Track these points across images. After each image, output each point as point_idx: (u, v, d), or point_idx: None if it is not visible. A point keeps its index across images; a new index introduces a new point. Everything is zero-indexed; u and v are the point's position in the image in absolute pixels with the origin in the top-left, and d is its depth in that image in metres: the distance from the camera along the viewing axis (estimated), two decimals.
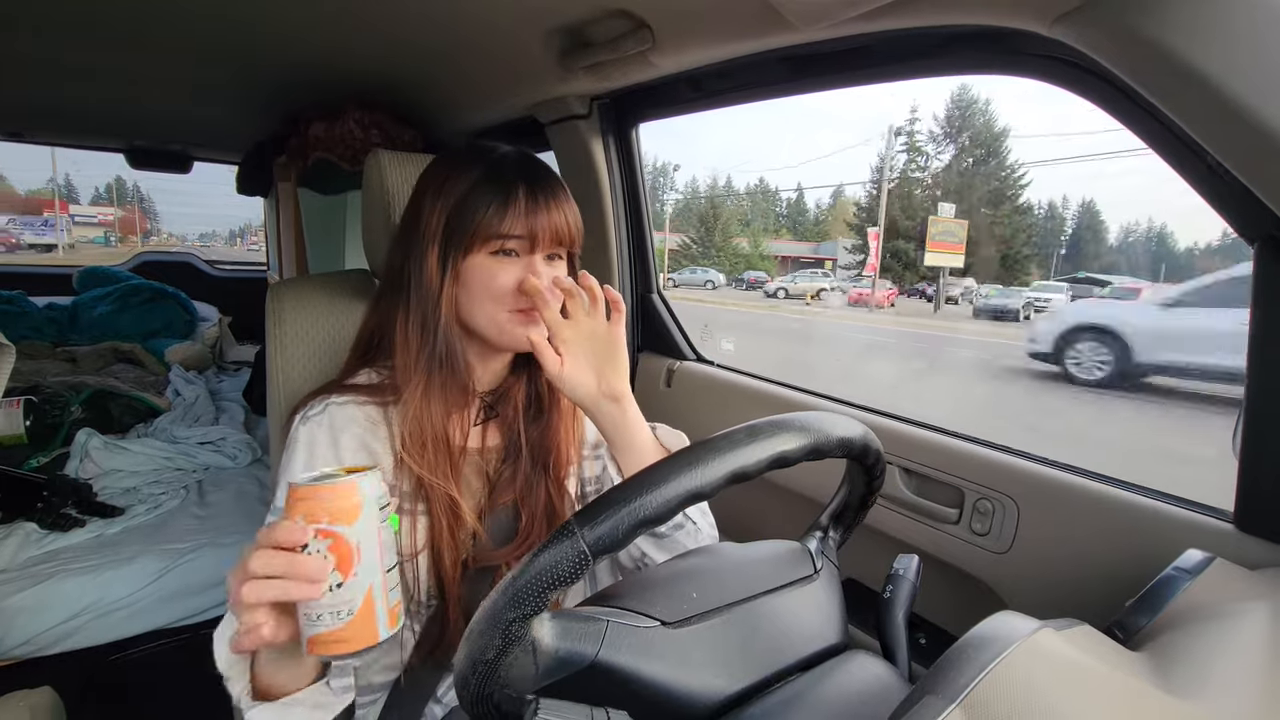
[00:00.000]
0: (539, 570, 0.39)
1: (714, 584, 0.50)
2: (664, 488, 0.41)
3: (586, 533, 0.39)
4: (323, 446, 0.66)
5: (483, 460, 0.74)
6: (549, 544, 0.40)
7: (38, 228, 22.50)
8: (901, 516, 0.97)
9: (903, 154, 22.28)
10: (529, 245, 0.68)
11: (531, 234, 0.67)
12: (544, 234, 0.67)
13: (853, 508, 0.61)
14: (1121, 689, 0.39)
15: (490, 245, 0.67)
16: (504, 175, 0.68)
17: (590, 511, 0.40)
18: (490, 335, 0.69)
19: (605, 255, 1.42)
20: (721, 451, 0.43)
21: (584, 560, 0.39)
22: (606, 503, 0.40)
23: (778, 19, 0.78)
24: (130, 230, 32.34)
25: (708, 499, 0.43)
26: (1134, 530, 0.74)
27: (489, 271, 0.67)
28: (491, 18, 1.06)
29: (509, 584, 0.39)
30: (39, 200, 27.68)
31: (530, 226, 0.67)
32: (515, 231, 0.66)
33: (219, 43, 1.33)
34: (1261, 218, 0.60)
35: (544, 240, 0.68)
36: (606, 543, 0.39)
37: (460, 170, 0.69)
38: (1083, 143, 42.81)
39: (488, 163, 0.69)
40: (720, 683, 0.45)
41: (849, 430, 0.51)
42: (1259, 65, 0.51)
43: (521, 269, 0.68)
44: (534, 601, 0.39)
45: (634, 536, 0.40)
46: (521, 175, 0.68)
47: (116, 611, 1.27)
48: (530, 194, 0.67)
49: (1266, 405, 0.64)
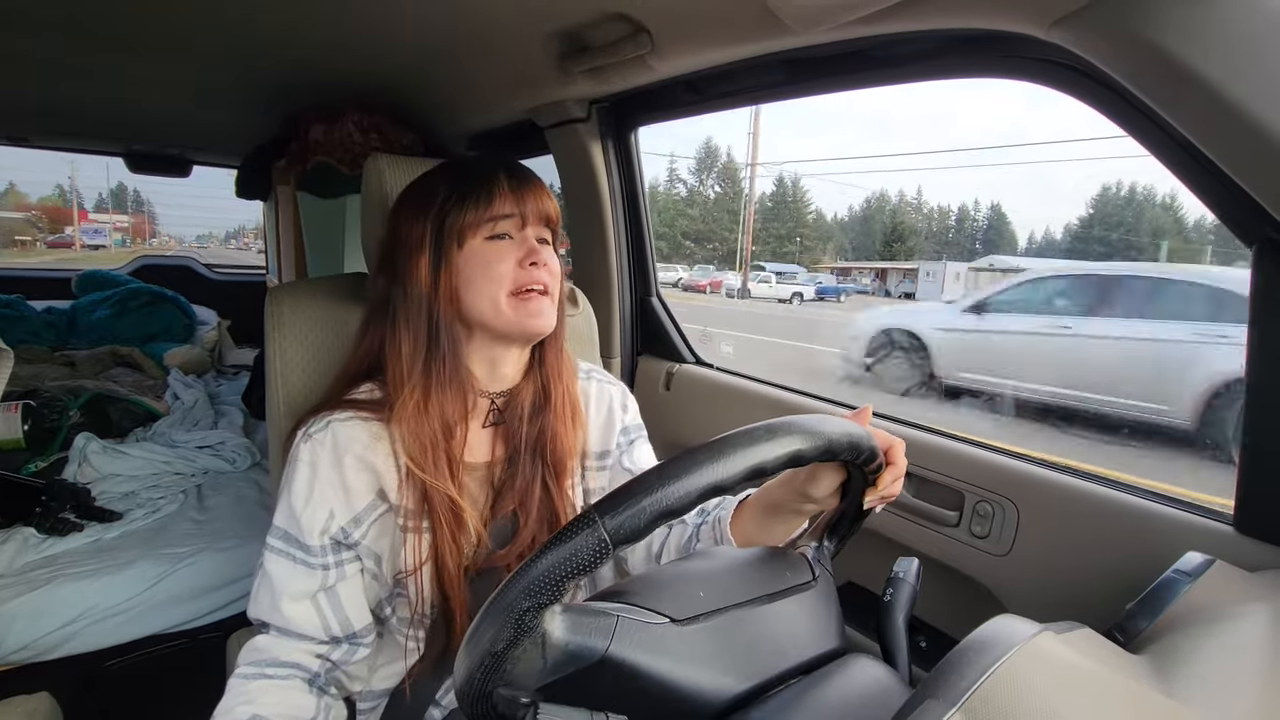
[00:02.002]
0: (558, 559, 0.38)
1: (719, 585, 0.50)
2: (686, 479, 0.41)
3: (608, 521, 0.39)
4: (325, 466, 0.66)
5: (490, 472, 0.74)
6: (568, 532, 0.39)
7: (91, 234, 31.54)
8: (901, 519, 0.97)
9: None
10: (519, 222, 0.70)
11: (521, 209, 0.70)
12: (531, 209, 0.70)
13: (849, 516, 0.61)
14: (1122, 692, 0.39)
15: (484, 230, 0.69)
16: (481, 168, 0.71)
17: (612, 500, 0.40)
18: (491, 319, 0.69)
19: (605, 259, 1.43)
20: (742, 446, 0.44)
21: (604, 549, 0.39)
22: (628, 492, 0.40)
23: (776, 23, 0.78)
24: (140, 234, 38.75)
25: (728, 493, 0.43)
26: (1134, 533, 0.74)
27: (486, 255, 0.69)
28: (490, 21, 1.06)
29: (522, 573, 0.39)
30: (63, 210, 34.61)
31: (518, 203, 0.70)
32: (505, 210, 0.69)
33: (218, 46, 1.33)
34: (1259, 221, 0.60)
35: (532, 216, 0.71)
36: (627, 531, 0.39)
37: (434, 182, 0.72)
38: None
39: (459, 166, 0.73)
40: (728, 681, 0.45)
41: (859, 434, 0.52)
42: (1257, 69, 0.51)
43: (517, 248, 0.70)
44: (550, 591, 0.38)
45: (655, 526, 0.40)
46: (493, 164, 0.72)
47: (114, 616, 1.26)
48: (510, 176, 0.71)
49: (1265, 408, 0.65)
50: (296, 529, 0.65)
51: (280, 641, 0.65)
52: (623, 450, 0.82)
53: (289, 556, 0.65)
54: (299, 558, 0.65)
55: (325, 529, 0.65)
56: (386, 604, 0.72)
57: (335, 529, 0.66)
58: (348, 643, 0.67)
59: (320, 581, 0.66)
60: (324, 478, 0.66)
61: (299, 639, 0.65)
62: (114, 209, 39.12)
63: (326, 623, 0.66)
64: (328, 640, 0.66)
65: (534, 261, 0.69)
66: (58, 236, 31.27)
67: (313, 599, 0.66)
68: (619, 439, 0.82)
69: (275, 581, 0.65)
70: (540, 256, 0.69)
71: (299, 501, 0.65)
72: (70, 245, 29.63)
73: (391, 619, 0.73)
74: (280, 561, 0.65)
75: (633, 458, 0.82)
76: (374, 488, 0.67)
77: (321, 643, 0.66)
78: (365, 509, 0.67)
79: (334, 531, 0.66)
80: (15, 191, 31.52)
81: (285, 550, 0.66)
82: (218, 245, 43.67)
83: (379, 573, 0.69)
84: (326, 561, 0.66)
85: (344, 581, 0.67)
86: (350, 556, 0.68)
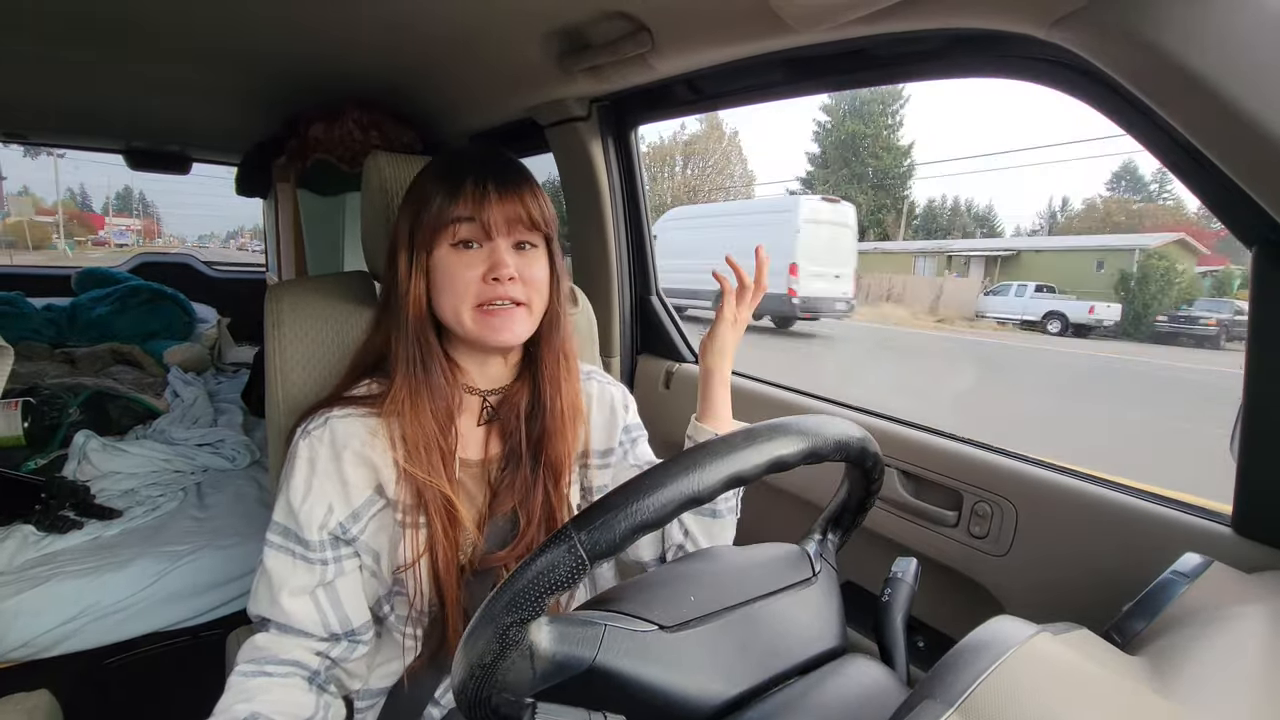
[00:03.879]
0: (535, 574, 0.39)
1: (712, 587, 0.50)
2: (661, 492, 0.41)
3: (583, 537, 0.39)
4: (324, 461, 0.66)
5: (485, 470, 0.74)
6: (545, 548, 0.39)
7: (118, 234, 37.86)
8: (900, 519, 0.97)
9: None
10: (483, 231, 0.66)
11: (481, 217, 0.65)
12: (495, 218, 0.66)
13: (851, 511, 0.61)
14: (1119, 693, 0.39)
15: (446, 235, 0.67)
16: (453, 167, 0.68)
17: (587, 516, 0.40)
18: (456, 329, 0.69)
19: (605, 257, 1.43)
20: (719, 456, 0.43)
21: (581, 565, 0.39)
22: (604, 507, 0.40)
23: (776, 22, 0.78)
24: (150, 235, 43.30)
25: (706, 503, 0.43)
26: (1132, 534, 0.74)
27: (450, 265, 0.67)
28: (491, 19, 1.06)
29: (506, 587, 0.39)
30: (82, 214, 40.38)
31: (478, 210, 0.65)
32: (464, 214, 0.65)
33: (219, 43, 1.33)
34: (1259, 222, 0.60)
35: (497, 224, 0.66)
36: (604, 547, 0.39)
37: (422, 175, 0.70)
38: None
39: (441, 161, 0.71)
40: (717, 687, 0.45)
41: (847, 433, 0.51)
42: (1258, 69, 0.51)
43: (484, 259, 0.67)
44: (531, 606, 0.38)
45: (631, 540, 0.40)
46: (471, 164, 0.68)
47: (114, 614, 1.26)
48: (478, 181, 0.66)
49: (1264, 409, 0.65)
50: (295, 524, 0.65)
51: (280, 639, 0.65)
52: (626, 449, 0.83)
53: (288, 552, 0.66)
54: (298, 553, 0.65)
55: (324, 524, 0.66)
56: (385, 602, 0.72)
57: (334, 524, 0.66)
58: (347, 640, 0.67)
59: (319, 577, 0.66)
60: (322, 473, 0.66)
61: (298, 635, 0.65)
62: (119, 212, 43.01)
63: (326, 619, 0.66)
64: (327, 637, 0.66)
65: (496, 277, 0.66)
66: (95, 237, 36.97)
67: (312, 595, 0.66)
68: (621, 437, 0.83)
69: (274, 577, 0.65)
70: (505, 270, 0.66)
71: (297, 497, 0.66)
72: (105, 244, 34.49)
73: (390, 617, 0.73)
74: (279, 557, 0.66)
75: (637, 454, 0.84)
76: (372, 483, 0.68)
77: (321, 640, 0.66)
78: (363, 505, 0.67)
79: (332, 527, 0.66)
80: (32, 195, 33.41)
81: (284, 546, 0.66)
82: (218, 245, 45.27)
83: (378, 570, 0.69)
84: (325, 557, 0.66)
85: (343, 578, 0.67)
86: (349, 553, 0.68)
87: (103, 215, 40.47)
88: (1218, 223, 0.64)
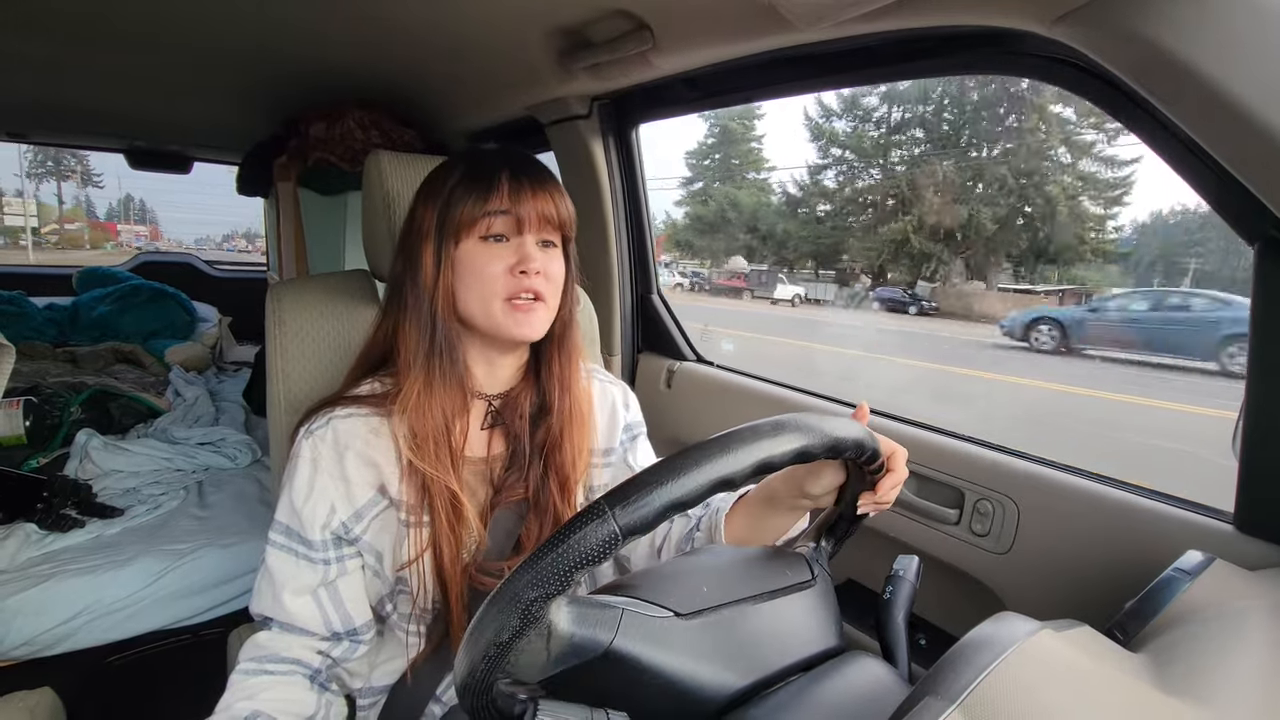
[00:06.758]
0: (567, 549, 0.38)
1: (722, 580, 0.51)
2: (696, 472, 0.41)
3: (618, 512, 0.39)
4: (327, 461, 0.66)
5: (488, 467, 0.74)
6: (578, 522, 0.39)
7: (136, 237, 40.15)
8: (901, 517, 0.97)
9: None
10: (515, 225, 0.67)
11: (517, 211, 0.67)
12: (529, 212, 0.67)
13: (846, 518, 0.61)
14: (1121, 690, 0.39)
15: (478, 228, 0.67)
16: (486, 164, 0.69)
17: (622, 492, 0.40)
18: (483, 324, 0.69)
19: (605, 256, 1.43)
20: (750, 441, 0.44)
21: (614, 538, 0.39)
22: (638, 484, 0.41)
23: (778, 19, 0.78)
24: (155, 238, 45.39)
25: (736, 487, 0.43)
26: (1134, 531, 0.74)
27: (480, 257, 0.67)
28: (492, 18, 1.06)
29: (530, 563, 0.39)
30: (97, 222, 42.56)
31: (514, 204, 0.67)
32: (499, 208, 0.67)
33: (219, 42, 1.33)
34: (1261, 219, 0.60)
35: (530, 220, 0.67)
36: (637, 523, 0.39)
37: (448, 171, 0.70)
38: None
39: (471, 158, 0.71)
40: (729, 676, 0.45)
41: (863, 435, 0.52)
42: (1259, 66, 0.51)
43: (512, 253, 0.68)
44: (558, 581, 0.38)
45: (664, 518, 0.40)
46: (504, 162, 0.69)
47: (116, 612, 1.27)
48: (513, 177, 0.68)
49: (1266, 407, 0.64)
50: (298, 524, 0.66)
51: (282, 637, 0.65)
52: (626, 448, 0.83)
53: (291, 551, 0.66)
54: (300, 552, 0.65)
55: (326, 524, 0.66)
56: (388, 600, 0.72)
57: (336, 524, 0.66)
58: (348, 639, 0.67)
59: (321, 576, 0.66)
60: (325, 473, 0.66)
61: (300, 634, 0.65)
62: (123, 219, 44.33)
63: (327, 618, 0.66)
64: (328, 636, 0.66)
65: (524, 270, 0.67)
66: (115, 242, 39.17)
67: (314, 594, 0.66)
68: (621, 436, 0.83)
69: (277, 576, 0.65)
70: (533, 264, 0.67)
71: (300, 497, 0.66)
72: (126, 249, 38.18)
73: (393, 615, 0.73)
74: (282, 556, 0.66)
75: (635, 455, 0.84)
76: (375, 483, 0.68)
77: (322, 639, 0.66)
78: (366, 504, 0.67)
79: (335, 527, 0.66)
80: (43, 205, 34.10)
81: (287, 545, 0.66)
82: (214, 248, 46.50)
83: (380, 569, 0.69)
84: (328, 556, 0.66)
85: (345, 577, 0.68)
86: (351, 552, 0.68)
87: (114, 222, 43.08)
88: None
